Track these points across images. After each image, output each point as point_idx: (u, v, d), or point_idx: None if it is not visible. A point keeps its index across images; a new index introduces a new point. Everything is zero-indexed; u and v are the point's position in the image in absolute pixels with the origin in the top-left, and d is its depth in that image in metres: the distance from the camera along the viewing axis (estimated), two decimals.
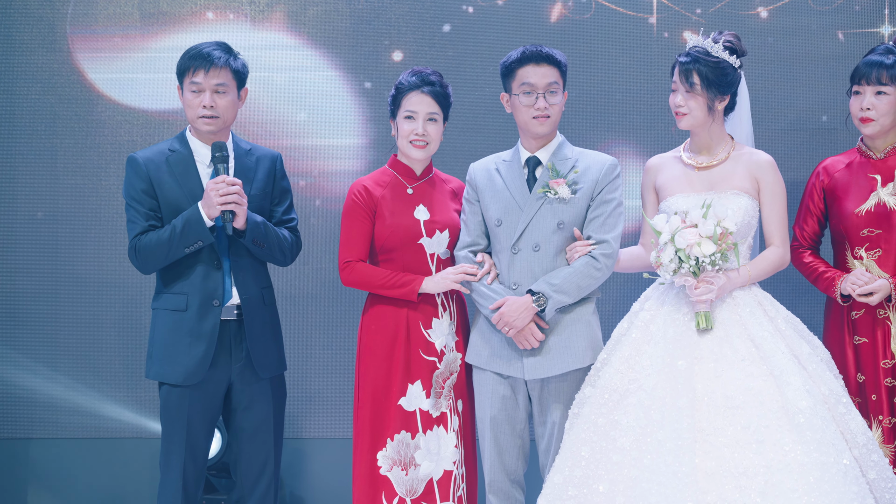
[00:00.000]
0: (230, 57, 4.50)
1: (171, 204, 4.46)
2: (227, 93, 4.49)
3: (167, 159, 4.49)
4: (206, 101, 4.44)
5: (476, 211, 4.53)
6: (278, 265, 4.64)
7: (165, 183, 4.46)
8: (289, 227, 4.63)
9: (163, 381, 4.47)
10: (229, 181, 4.37)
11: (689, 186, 4.45)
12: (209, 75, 4.45)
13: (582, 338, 4.41)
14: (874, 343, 4.53)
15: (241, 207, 4.37)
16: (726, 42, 4.42)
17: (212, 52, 4.46)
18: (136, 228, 4.46)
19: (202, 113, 4.45)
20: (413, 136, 4.47)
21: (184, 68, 4.48)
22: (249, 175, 4.52)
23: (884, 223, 4.53)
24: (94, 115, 5.79)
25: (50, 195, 5.81)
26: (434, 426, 4.47)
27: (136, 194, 4.47)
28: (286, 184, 4.67)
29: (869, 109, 4.53)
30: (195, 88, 4.45)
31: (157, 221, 4.46)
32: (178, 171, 4.48)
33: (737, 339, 4.21)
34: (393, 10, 5.66)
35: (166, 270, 4.48)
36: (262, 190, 4.56)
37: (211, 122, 4.46)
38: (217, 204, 4.34)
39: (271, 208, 4.60)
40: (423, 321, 4.49)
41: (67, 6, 5.77)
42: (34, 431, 5.83)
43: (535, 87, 4.42)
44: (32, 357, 5.81)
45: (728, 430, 4.01)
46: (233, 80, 4.50)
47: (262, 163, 4.59)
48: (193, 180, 4.48)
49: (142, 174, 4.47)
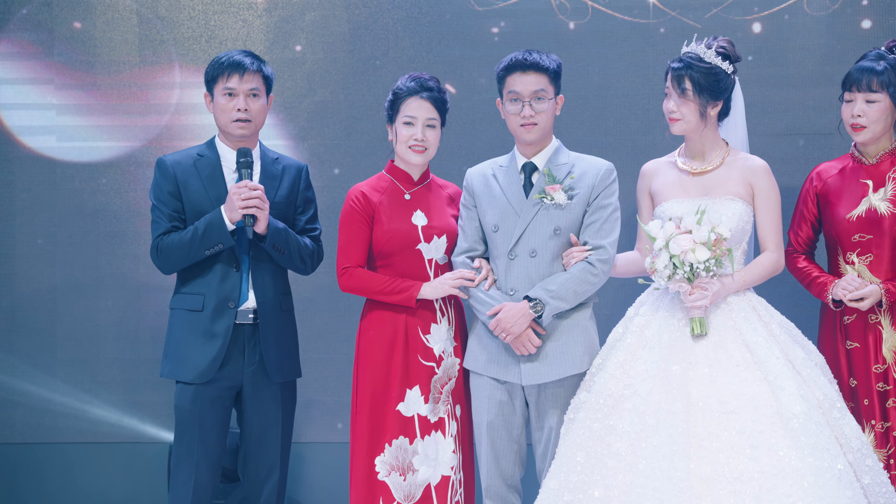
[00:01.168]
0: (261, 63, 4.60)
1: (195, 207, 4.53)
2: (259, 97, 4.58)
3: (195, 163, 4.57)
4: (240, 105, 4.52)
5: (473, 216, 4.54)
6: (299, 273, 4.69)
7: (192, 186, 4.54)
8: (311, 235, 4.69)
9: (175, 378, 4.53)
10: (251, 185, 4.44)
11: (683, 192, 4.46)
12: (244, 80, 4.53)
13: (579, 343, 4.42)
14: (866, 348, 4.54)
15: (263, 212, 4.44)
16: (719, 48, 4.43)
17: (243, 58, 4.56)
18: (159, 229, 4.53)
19: (237, 116, 4.52)
20: (412, 141, 4.48)
21: (216, 75, 4.56)
22: (275, 183, 4.60)
23: (875, 228, 4.54)
24: (91, 121, 5.80)
25: (48, 200, 5.82)
26: (432, 431, 4.48)
27: (163, 195, 4.54)
28: (311, 194, 4.74)
29: (860, 116, 4.54)
30: (229, 92, 4.53)
31: (181, 223, 4.54)
32: (205, 174, 4.55)
33: (731, 344, 4.22)
34: (390, 15, 5.67)
35: (185, 271, 4.56)
36: (286, 198, 4.62)
37: (245, 125, 4.54)
38: (239, 207, 4.41)
39: (295, 217, 4.67)
40: (421, 326, 4.50)
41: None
42: (32, 436, 5.83)
43: (520, 95, 4.44)
44: (30, 362, 5.81)
45: (723, 435, 4.02)
46: (263, 85, 4.59)
47: (287, 172, 4.66)
48: (219, 185, 4.55)
49: (169, 176, 4.54)
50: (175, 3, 5.77)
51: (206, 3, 5.76)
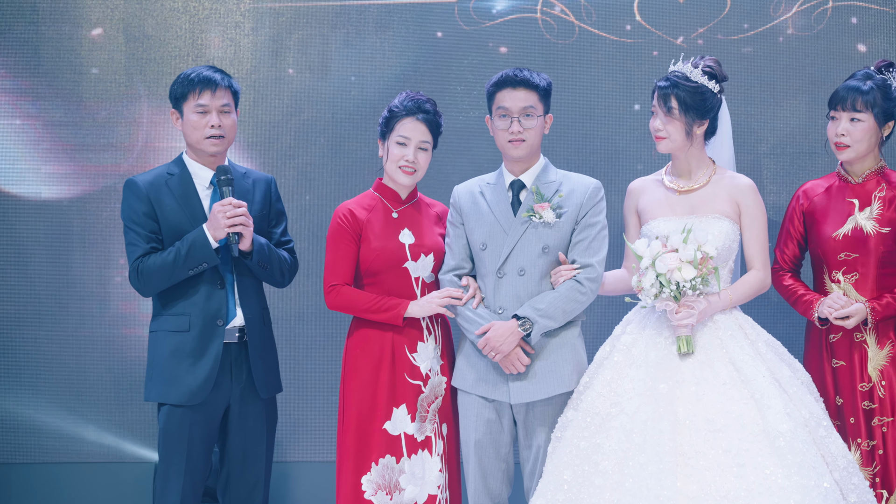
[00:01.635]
0: (230, 78, 4.58)
1: (172, 226, 4.49)
2: (230, 112, 4.56)
3: (167, 182, 4.53)
4: (213, 121, 4.50)
5: (461, 234, 4.54)
6: (277, 286, 4.68)
7: (167, 205, 4.50)
8: (287, 248, 4.69)
9: (164, 401, 4.47)
10: (235, 203, 4.42)
11: (670, 210, 4.47)
12: (216, 96, 4.51)
13: (567, 362, 4.42)
14: (851, 366, 4.55)
15: (248, 229, 4.43)
16: (706, 67, 4.45)
17: (213, 74, 4.53)
18: (137, 251, 4.48)
19: (210, 133, 4.49)
20: (403, 161, 4.48)
21: (185, 92, 4.52)
22: (248, 197, 4.57)
23: (861, 247, 4.55)
24: (77, 139, 5.80)
25: (33, 219, 5.80)
26: (419, 450, 4.47)
27: (137, 217, 4.49)
28: (281, 206, 4.73)
29: (843, 136, 4.55)
30: (201, 110, 4.50)
31: (158, 244, 4.50)
32: (179, 193, 4.52)
33: (718, 362, 4.22)
34: (377, 34, 5.68)
35: (165, 292, 4.51)
36: (260, 212, 4.61)
37: (218, 142, 4.52)
38: (224, 226, 4.38)
39: (269, 230, 4.65)
40: (408, 345, 4.49)
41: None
42: (16, 456, 5.80)
43: (509, 111, 4.45)
44: (15, 382, 5.78)
45: (709, 453, 4.02)
46: (232, 100, 4.58)
47: (258, 185, 4.64)
48: (194, 202, 4.52)
49: (142, 197, 4.50)
50: (162, 22, 5.77)
51: (193, 22, 5.76)
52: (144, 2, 5.76)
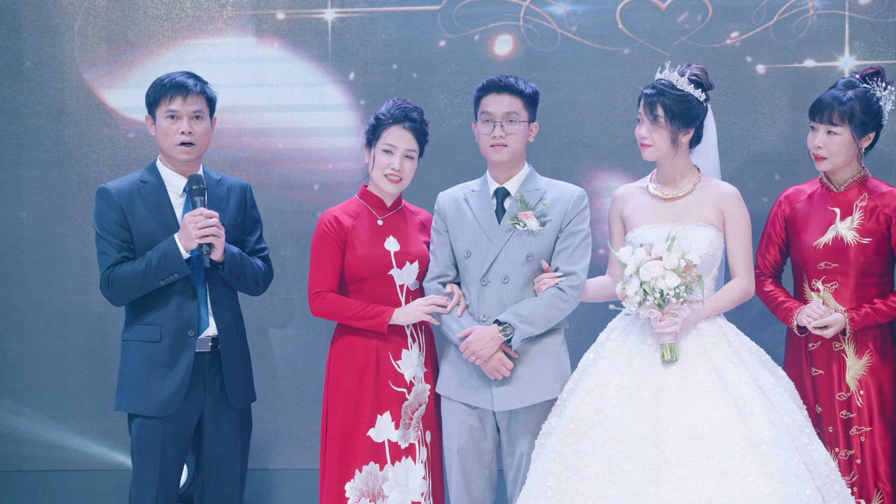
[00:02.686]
0: (204, 84, 4.54)
1: (144, 235, 4.45)
2: (202, 119, 4.51)
3: (139, 190, 4.48)
4: (184, 128, 4.45)
5: (445, 241, 4.54)
6: (251, 295, 4.65)
7: (139, 214, 4.45)
8: (261, 256, 4.65)
9: (136, 412, 4.44)
10: (207, 214, 4.37)
11: (654, 217, 4.48)
12: (187, 101, 4.46)
13: (550, 369, 4.42)
14: (830, 375, 4.55)
15: (220, 240, 4.38)
16: (692, 75, 4.46)
17: (186, 79, 4.49)
18: (108, 260, 4.44)
19: (181, 139, 4.45)
20: (389, 170, 4.48)
21: (157, 97, 4.48)
22: (222, 205, 4.53)
23: (841, 257, 4.55)
24: (59, 146, 5.78)
25: (14, 226, 5.78)
26: (402, 457, 4.46)
27: (109, 225, 4.45)
28: (256, 213, 4.69)
29: (820, 147, 4.55)
30: (172, 115, 4.46)
31: (130, 253, 4.45)
32: (151, 201, 4.47)
33: (701, 370, 4.23)
34: (361, 42, 5.68)
35: (137, 302, 4.47)
36: (235, 220, 4.57)
37: (189, 149, 4.47)
38: (195, 237, 4.34)
39: (243, 238, 4.62)
40: (392, 352, 4.49)
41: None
42: None
43: (493, 115, 4.45)
44: None
45: (692, 460, 4.03)
46: (206, 107, 4.53)
47: (232, 193, 4.60)
48: (167, 211, 4.48)
49: (114, 205, 4.45)
50: (144, 30, 5.75)
51: (175, 30, 5.75)
52: (127, 9, 5.74)
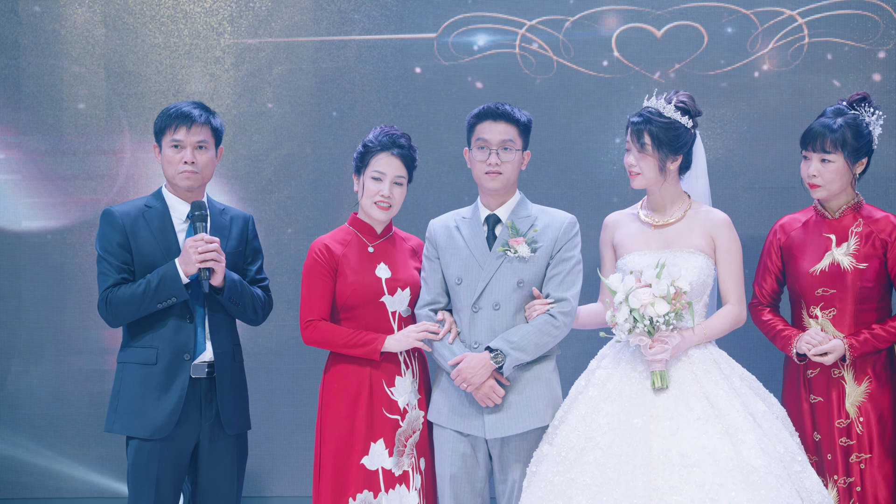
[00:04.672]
0: (210, 115, 4.58)
1: (145, 258, 4.48)
2: (207, 149, 4.55)
3: (143, 214, 4.53)
4: (187, 157, 4.49)
5: (436, 268, 4.54)
6: (250, 324, 4.67)
7: (141, 237, 4.49)
8: (261, 286, 4.68)
9: (130, 434, 4.45)
10: (207, 239, 4.41)
11: (645, 244, 4.48)
12: (191, 132, 4.51)
13: (542, 396, 4.41)
14: (829, 402, 4.52)
15: (220, 265, 4.42)
16: (679, 103, 4.46)
17: (192, 110, 4.53)
18: (107, 281, 4.47)
19: (183, 169, 4.49)
20: (378, 197, 4.48)
21: (163, 126, 4.53)
22: (224, 233, 4.57)
23: (838, 283, 4.54)
24: (59, 171, 5.80)
25: (13, 251, 5.80)
26: (396, 485, 4.44)
27: (111, 247, 4.49)
28: (257, 244, 4.73)
29: (815, 176, 4.54)
30: (176, 144, 4.50)
31: (129, 275, 4.48)
32: (155, 225, 4.52)
33: (692, 397, 4.21)
34: (356, 69, 5.71)
35: (135, 324, 4.50)
36: (236, 249, 4.61)
37: (191, 176, 4.50)
38: (196, 261, 4.38)
39: (244, 267, 4.65)
40: (385, 379, 4.48)
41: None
42: None
43: (488, 142, 4.46)
44: None
45: (683, 488, 4.00)
46: (212, 137, 4.57)
47: (235, 222, 4.65)
48: (169, 235, 4.52)
49: (118, 227, 4.50)
50: (143, 58, 5.79)
51: (173, 58, 5.78)
52: (125, 37, 5.78)
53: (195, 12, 5.80)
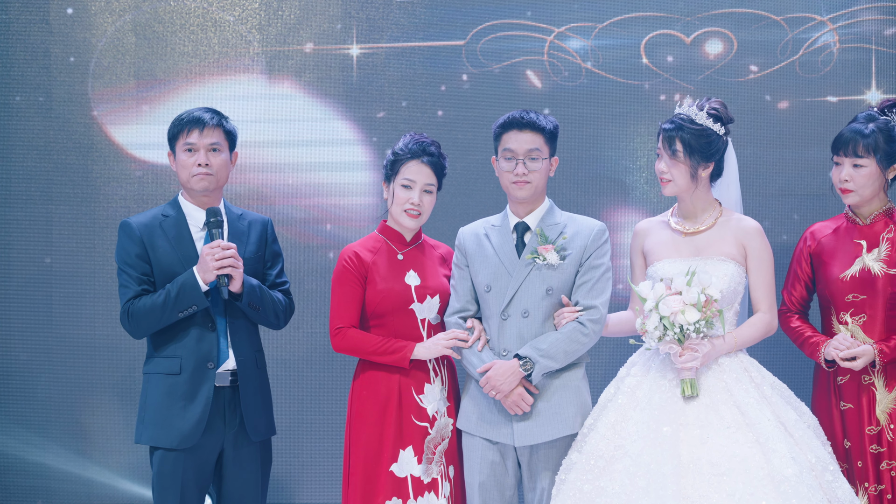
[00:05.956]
0: (222, 118, 4.59)
1: (164, 268, 4.48)
2: (220, 152, 4.55)
3: (161, 224, 4.53)
4: (200, 160, 4.50)
5: (465, 276, 4.54)
6: (272, 328, 4.67)
7: (159, 247, 4.50)
8: (282, 289, 4.67)
9: (157, 445, 4.46)
10: (224, 245, 4.41)
11: (675, 252, 4.46)
12: (203, 134, 4.51)
13: (571, 404, 4.40)
14: (859, 409, 4.50)
15: (237, 271, 4.41)
16: (711, 109, 4.44)
17: (203, 113, 4.55)
18: (128, 293, 4.48)
19: (197, 171, 4.50)
20: (408, 205, 4.48)
21: (176, 132, 4.54)
22: (243, 239, 4.57)
23: (868, 289, 4.52)
24: (89, 181, 5.84)
25: (43, 261, 5.84)
26: (425, 492, 4.44)
27: (130, 259, 4.50)
28: (277, 247, 4.72)
29: (847, 181, 4.53)
30: (189, 148, 4.51)
31: (150, 286, 4.49)
32: (172, 235, 4.52)
33: (722, 405, 4.19)
34: (385, 76, 5.72)
35: (158, 334, 4.50)
36: (255, 253, 4.60)
37: (206, 177, 4.51)
38: (213, 268, 4.37)
39: (264, 271, 4.64)
40: (415, 387, 4.48)
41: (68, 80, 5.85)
42: (26, 499, 5.80)
43: (515, 152, 4.46)
44: (24, 425, 5.80)
45: (713, 497, 3.98)
46: (225, 140, 4.57)
47: (253, 227, 4.64)
48: (187, 244, 4.52)
49: (136, 239, 4.50)
50: (172, 67, 5.82)
51: (203, 66, 5.81)
52: (155, 46, 5.81)
53: (225, 21, 5.82)
